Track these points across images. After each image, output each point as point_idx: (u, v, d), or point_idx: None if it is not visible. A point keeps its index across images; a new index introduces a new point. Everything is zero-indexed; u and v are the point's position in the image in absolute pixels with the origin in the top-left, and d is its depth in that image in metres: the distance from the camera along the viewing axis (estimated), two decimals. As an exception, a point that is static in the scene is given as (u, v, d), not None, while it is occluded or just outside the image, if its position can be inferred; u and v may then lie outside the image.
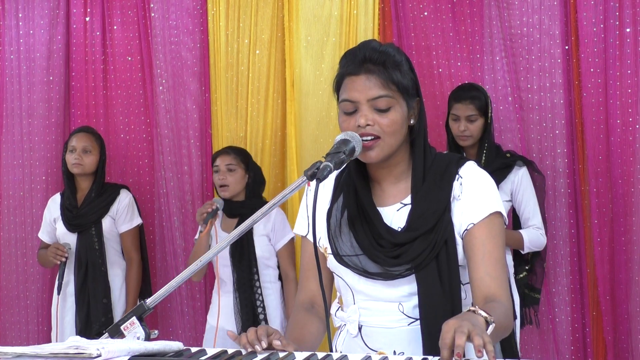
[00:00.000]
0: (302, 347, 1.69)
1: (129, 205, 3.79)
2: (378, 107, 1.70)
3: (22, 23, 4.32)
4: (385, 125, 1.69)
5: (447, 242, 1.71)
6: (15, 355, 1.33)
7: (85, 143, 3.71)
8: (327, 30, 3.98)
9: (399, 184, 1.79)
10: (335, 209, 1.81)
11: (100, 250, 3.69)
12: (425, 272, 1.69)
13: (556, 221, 3.71)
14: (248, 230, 3.43)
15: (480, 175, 1.77)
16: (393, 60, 1.72)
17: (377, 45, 1.74)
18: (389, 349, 1.74)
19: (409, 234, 1.71)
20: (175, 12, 4.17)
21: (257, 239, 3.52)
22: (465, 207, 1.73)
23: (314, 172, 1.59)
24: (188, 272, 1.66)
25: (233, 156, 3.60)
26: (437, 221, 1.71)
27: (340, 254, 1.76)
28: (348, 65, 1.74)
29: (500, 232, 1.73)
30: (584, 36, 3.63)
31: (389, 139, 1.70)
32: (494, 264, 1.69)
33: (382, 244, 1.72)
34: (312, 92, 3.99)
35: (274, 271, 3.61)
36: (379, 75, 1.70)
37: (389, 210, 1.77)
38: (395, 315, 1.74)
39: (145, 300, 1.62)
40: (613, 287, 3.64)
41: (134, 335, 1.57)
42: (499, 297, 1.65)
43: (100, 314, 3.64)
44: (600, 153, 3.62)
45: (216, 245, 1.71)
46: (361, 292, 1.77)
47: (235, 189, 3.56)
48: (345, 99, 1.73)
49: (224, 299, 3.55)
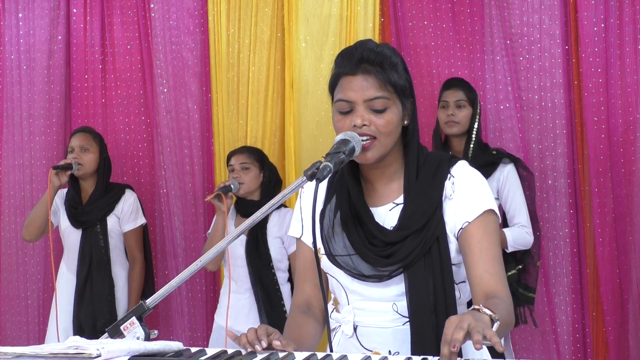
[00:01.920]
0: (300, 348, 1.69)
1: (133, 204, 3.80)
2: (374, 107, 1.70)
3: (22, 23, 4.32)
4: (382, 125, 1.69)
5: (438, 240, 1.71)
6: (15, 355, 1.33)
7: (83, 142, 3.72)
8: (326, 30, 3.98)
9: (392, 184, 1.79)
10: (328, 210, 1.81)
11: (105, 248, 3.70)
12: (414, 271, 1.70)
13: (556, 221, 3.71)
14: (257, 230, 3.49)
15: (472, 173, 1.78)
16: (390, 61, 1.72)
17: (373, 45, 1.74)
18: (384, 349, 1.74)
19: (400, 233, 1.71)
20: (175, 13, 4.17)
21: (271, 241, 3.51)
22: (458, 207, 1.73)
23: (313, 172, 1.59)
24: (188, 272, 1.66)
25: (247, 155, 3.59)
26: (428, 220, 1.71)
27: (333, 254, 1.76)
28: (344, 64, 1.73)
29: (495, 229, 1.73)
30: (584, 36, 3.63)
31: (385, 139, 1.71)
32: (491, 261, 1.69)
33: (374, 244, 1.73)
34: (312, 92, 3.99)
35: (284, 274, 3.60)
36: (376, 76, 1.70)
37: (381, 210, 1.78)
38: (389, 315, 1.74)
39: (145, 300, 1.62)
40: (614, 287, 3.63)
41: (133, 335, 1.57)
42: (499, 293, 1.65)
43: (106, 312, 3.64)
44: (601, 153, 3.62)
45: (216, 245, 1.70)
46: (355, 292, 1.77)
47: (249, 187, 3.55)
48: (341, 99, 1.72)
49: (232, 299, 3.53)
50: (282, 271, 3.59)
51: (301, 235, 1.89)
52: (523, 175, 3.38)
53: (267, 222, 3.53)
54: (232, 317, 3.50)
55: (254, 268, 3.50)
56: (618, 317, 3.64)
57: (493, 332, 1.35)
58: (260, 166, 3.59)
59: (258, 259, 3.49)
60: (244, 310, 3.53)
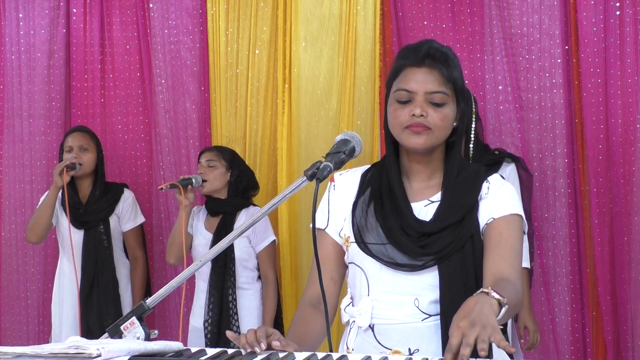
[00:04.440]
0: (304, 344, 1.70)
1: (132, 203, 3.83)
2: (434, 101, 1.75)
3: (22, 23, 4.32)
4: (438, 119, 1.75)
5: (472, 238, 1.74)
6: (15, 355, 1.33)
7: (82, 142, 3.72)
8: (326, 30, 3.97)
9: (430, 181, 1.83)
10: (361, 202, 1.84)
11: (109, 248, 3.72)
12: (448, 264, 1.72)
13: (556, 221, 3.71)
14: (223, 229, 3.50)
15: (506, 183, 1.85)
16: (454, 61, 1.78)
17: (439, 45, 1.80)
18: (403, 347, 1.74)
19: (436, 224, 1.75)
20: (174, 12, 4.17)
21: (237, 240, 3.51)
22: (488, 206, 1.77)
23: (313, 172, 1.60)
24: (188, 273, 1.66)
25: (215, 153, 3.62)
26: (464, 215, 1.75)
27: (365, 241, 1.78)
28: (410, 57, 1.79)
29: (518, 228, 1.77)
30: (584, 36, 3.63)
31: (439, 132, 1.76)
32: (508, 249, 1.72)
33: (409, 233, 1.75)
34: (311, 92, 3.98)
35: (253, 273, 3.60)
36: (440, 71, 1.75)
37: (416, 205, 1.81)
38: (409, 310, 1.75)
39: (145, 300, 1.62)
40: (614, 287, 3.63)
41: (133, 335, 1.57)
42: (508, 276, 1.66)
43: (112, 311, 3.65)
44: (601, 153, 3.62)
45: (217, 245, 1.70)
46: (380, 282, 1.77)
47: (213, 185, 3.56)
48: (402, 88, 1.76)
49: (202, 298, 3.57)
50: (251, 270, 3.59)
51: (326, 226, 1.90)
52: (522, 175, 3.38)
53: (235, 221, 3.53)
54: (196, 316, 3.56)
55: (214, 268, 3.52)
56: (617, 317, 3.64)
57: (501, 337, 1.34)
58: (228, 165, 3.61)
59: (215, 261, 3.48)
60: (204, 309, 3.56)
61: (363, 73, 3.91)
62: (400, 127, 1.77)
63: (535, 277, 3.60)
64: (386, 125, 1.83)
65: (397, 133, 1.79)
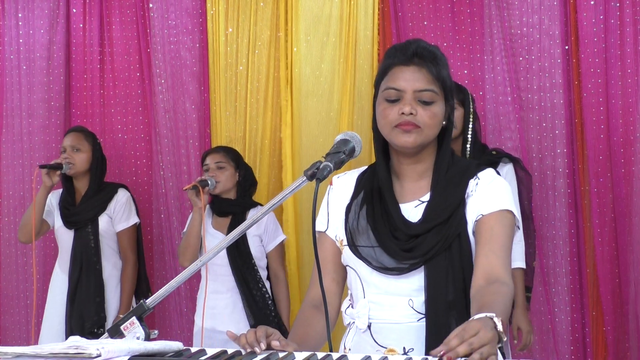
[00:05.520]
0: (306, 345, 1.70)
1: (126, 203, 3.77)
2: (422, 99, 1.75)
3: (22, 23, 4.32)
4: (428, 117, 1.74)
5: (459, 237, 1.73)
6: (15, 355, 1.33)
7: (74, 142, 3.71)
8: (326, 30, 3.97)
9: (420, 181, 1.83)
10: (355, 204, 1.84)
11: (95, 249, 3.68)
12: (434, 265, 1.71)
13: (556, 221, 3.71)
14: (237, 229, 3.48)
15: (497, 178, 1.82)
16: (442, 60, 1.78)
17: (426, 44, 1.80)
18: (398, 345, 1.75)
19: (423, 226, 1.74)
20: (174, 12, 4.17)
21: (250, 239, 3.53)
22: (477, 202, 1.76)
23: (313, 172, 1.60)
24: (188, 272, 1.66)
25: (223, 154, 3.61)
26: (450, 214, 1.74)
27: (355, 244, 1.79)
28: (398, 55, 1.78)
29: (509, 225, 1.75)
30: (584, 36, 3.63)
31: (428, 130, 1.76)
32: (499, 245, 1.71)
33: (397, 237, 1.75)
34: (312, 92, 3.99)
35: (263, 272, 3.61)
36: (428, 69, 1.75)
37: (407, 206, 1.80)
38: (404, 311, 1.75)
39: (145, 300, 1.62)
40: (614, 287, 3.63)
41: (133, 335, 1.57)
42: (501, 277, 1.66)
43: (93, 313, 3.62)
44: (601, 153, 3.62)
45: (217, 245, 1.70)
46: (372, 284, 1.78)
47: (225, 185, 3.57)
48: (391, 87, 1.76)
49: (213, 299, 3.53)
50: (262, 269, 3.60)
51: (326, 229, 1.90)
52: (521, 176, 3.37)
53: (245, 220, 3.53)
54: (214, 318, 3.51)
55: (237, 267, 3.50)
56: (617, 317, 3.64)
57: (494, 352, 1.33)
58: (236, 165, 3.61)
59: (239, 258, 3.49)
60: (226, 310, 3.52)
61: (363, 73, 3.91)
62: (390, 126, 1.76)
63: (536, 277, 3.59)
64: (375, 125, 1.83)
65: (387, 132, 1.78)
